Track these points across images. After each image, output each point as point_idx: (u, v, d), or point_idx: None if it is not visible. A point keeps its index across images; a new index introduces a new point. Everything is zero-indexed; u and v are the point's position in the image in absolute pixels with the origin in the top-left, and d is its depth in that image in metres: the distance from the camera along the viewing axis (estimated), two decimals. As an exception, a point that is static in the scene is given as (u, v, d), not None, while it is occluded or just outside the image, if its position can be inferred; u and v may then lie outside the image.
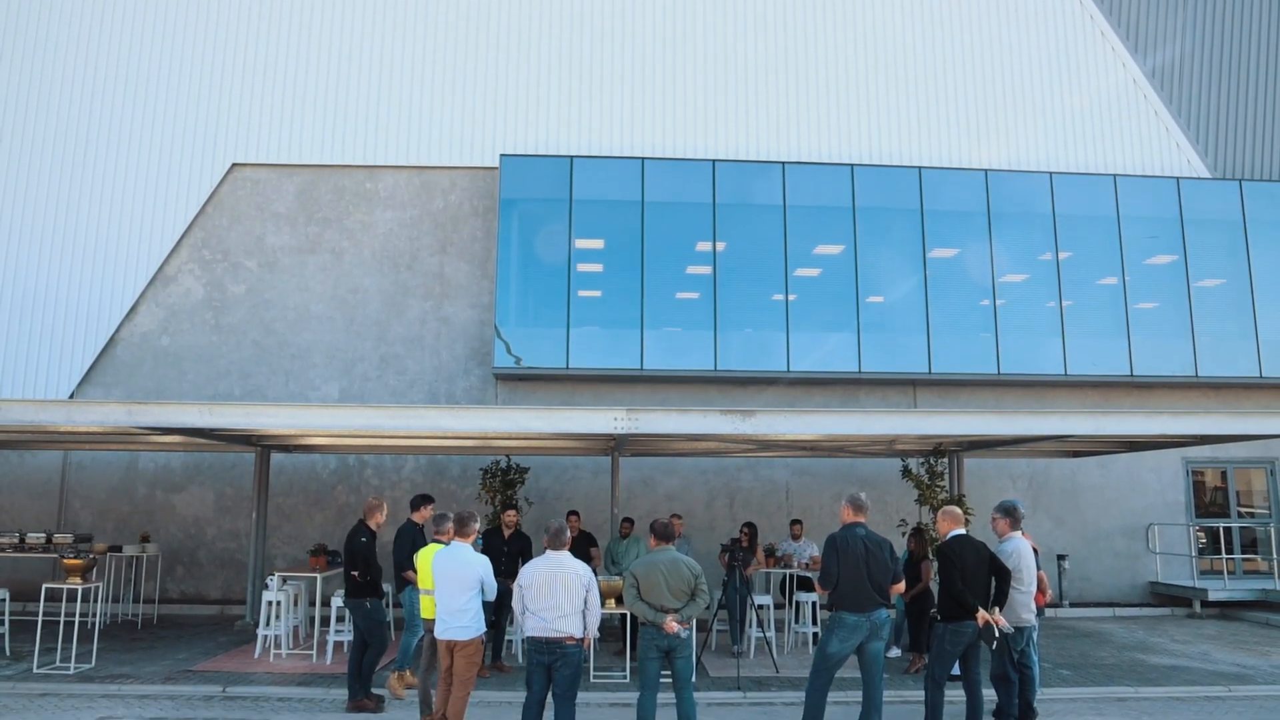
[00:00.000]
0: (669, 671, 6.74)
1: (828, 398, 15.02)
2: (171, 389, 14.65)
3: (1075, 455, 14.60)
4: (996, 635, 6.95)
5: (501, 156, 14.96)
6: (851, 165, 15.28)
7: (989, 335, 14.87)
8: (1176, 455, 15.55)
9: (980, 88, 16.30)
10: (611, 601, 9.29)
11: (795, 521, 12.58)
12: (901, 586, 7.10)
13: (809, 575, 11.43)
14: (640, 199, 14.82)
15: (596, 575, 6.90)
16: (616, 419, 9.13)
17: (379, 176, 15.48)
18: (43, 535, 12.18)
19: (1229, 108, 16.63)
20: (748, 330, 14.72)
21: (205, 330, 14.94)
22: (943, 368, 14.71)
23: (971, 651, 7.27)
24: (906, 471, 12.86)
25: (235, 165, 15.39)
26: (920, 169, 15.32)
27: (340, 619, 10.37)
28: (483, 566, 6.97)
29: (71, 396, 14.47)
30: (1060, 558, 14.97)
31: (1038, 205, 15.37)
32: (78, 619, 10.16)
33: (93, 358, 14.74)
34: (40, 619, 9.85)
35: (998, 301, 15.01)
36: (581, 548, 10.84)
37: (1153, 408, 15.00)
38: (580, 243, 14.79)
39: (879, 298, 14.95)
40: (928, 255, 15.04)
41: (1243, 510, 16.05)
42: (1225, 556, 15.26)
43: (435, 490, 14.11)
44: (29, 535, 12.20)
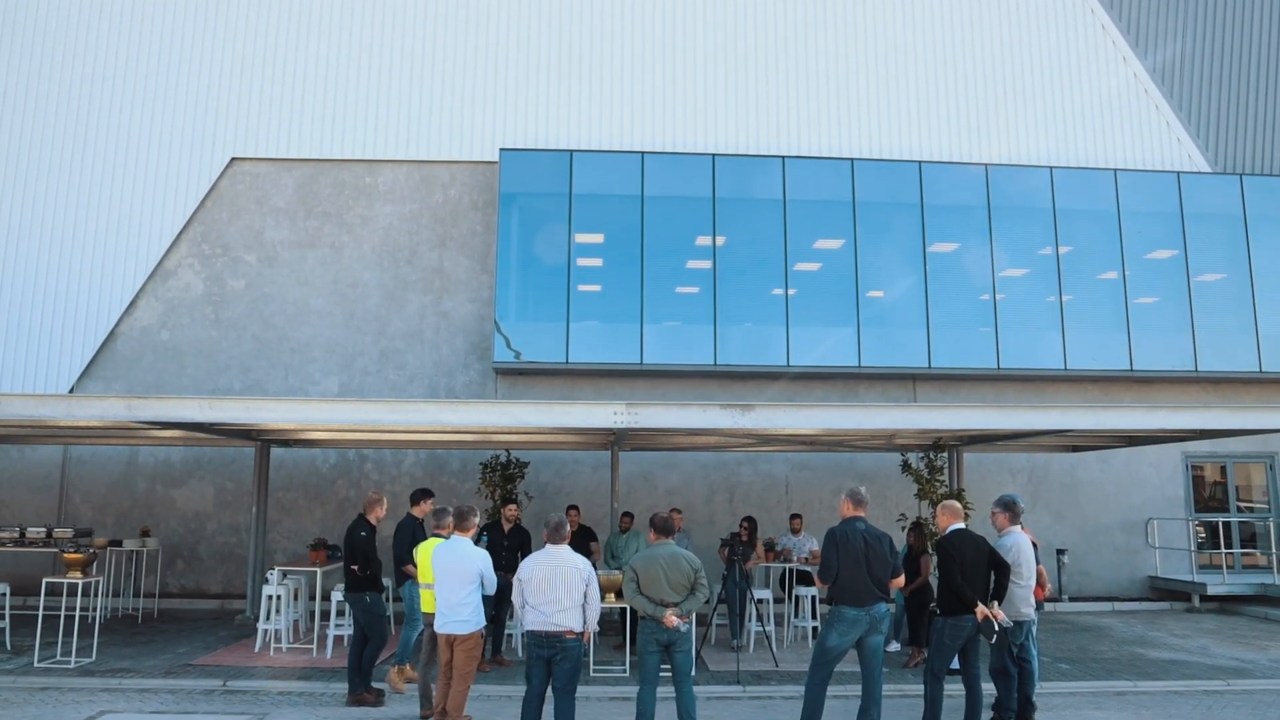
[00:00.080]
0: (668, 665, 6.75)
1: (827, 392, 15.03)
2: (171, 384, 14.65)
3: (1075, 450, 14.62)
4: (996, 629, 6.96)
5: (501, 151, 14.95)
6: (851, 159, 15.27)
7: (989, 330, 14.87)
8: (1176, 450, 15.56)
9: (980, 82, 16.27)
10: (611, 596, 9.30)
11: (795, 516, 12.59)
12: (901, 581, 7.10)
13: (808, 569, 11.44)
14: (640, 193, 14.81)
15: (596, 569, 6.90)
16: (616, 413, 9.13)
17: (378, 171, 15.46)
18: (43, 530, 12.17)
19: (1230, 102, 16.60)
20: (747, 325, 14.71)
21: (205, 325, 14.93)
22: (942, 362, 14.71)
23: (971, 646, 7.28)
24: (906, 466, 12.88)
25: (235, 159, 15.37)
26: (920, 163, 15.31)
27: (340, 613, 10.39)
28: (482, 561, 6.98)
29: (71, 391, 14.47)
30: (1060, 552, 15.00)
31: (1038, 200, 15.36)
32: (78, 613, 10.16)
33: (92, 352, 14.74)
34: (40, 613, 9.86)
35: (998, 296, 15.00)
36: (581, 542, 10.87)
37: (1152, 402, 15.01)
38: (580, 237, 14.78)
39: (879, 292, 14.94)
40: (928, 250, 15.03)
41: (1242, 505, 16.05)
42: (1224, 551, 15.28)
43: (435, 485, 14.11)
44: (29, 530, 12.20)
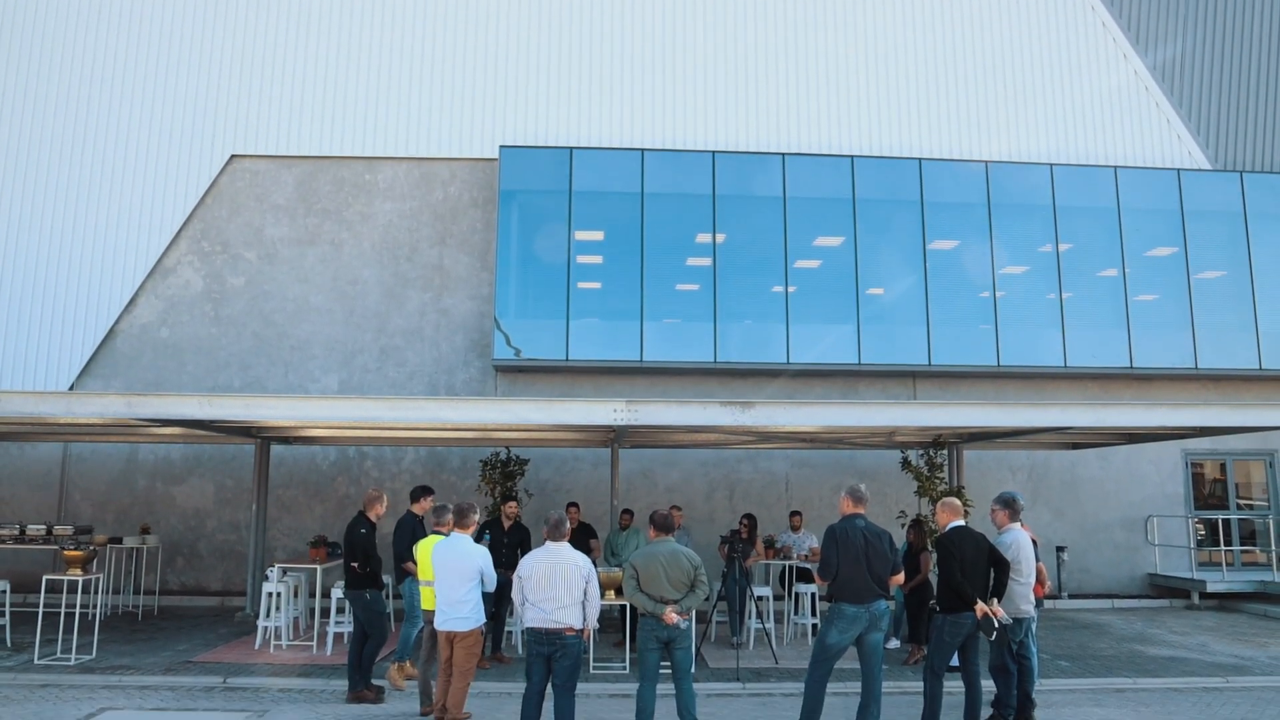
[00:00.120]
0: (668, 662, 6.76)
1: (827, 389, 15.03)
2: (171, 381, 14.65)
3: (1075, 447, 14.62)
4: (995, 626, 6.96)
5: (501, 148, 14.93)
6: (851, 157, 15.26)
7: (989, 327, 14.86)
8: (1176, 447, 15.56)
9: (980, 79, 16.25)
10: (611, 593, 9.31)
11: (795, 513, 12.60)
12: (901, 578, 7.10)
13: (808, 567, 11.45)
14: (640, 190, 14.79)
15: (596, 567, 6.90)
16: (616, 411, 9.13)
17: (378, 168, 15.45)
18: (43, 527, 12.17)
19: (1230, 99, 16.58)
20: (747, 322, 14.71)
21: (205, 322, 14.93)
22: (942, 360, 14.71)
23: (970, 643, 7.28)
24: (906, 463, 12.88)
25: (234, 156, 15.36)
26: (920, 160, 15.29)
27: (340, 610, 10.39)
28: (482, 558, 6.99)
29: (71, 388, 14.47)
30: (1059, 549, 15.00)
31: (1038, 197, 15.35)
32: (78, 610, 10.16)
33: (92, 350, 14.74)
34: (41, 610, 9.87)
35: (998, 293, 14.99)
36: (581, 539, 10.86)
37: (1152, 400, 15.01)
38: (580, 234, 14.77)
39: (879, 289, 14.94)
40: (928, 247, 15.02)
41: (1242, 502, 16.05)
42: (1224, 548, 15.29)
43: (435, 482, 14.11)
44: (29, 527, 12.20)
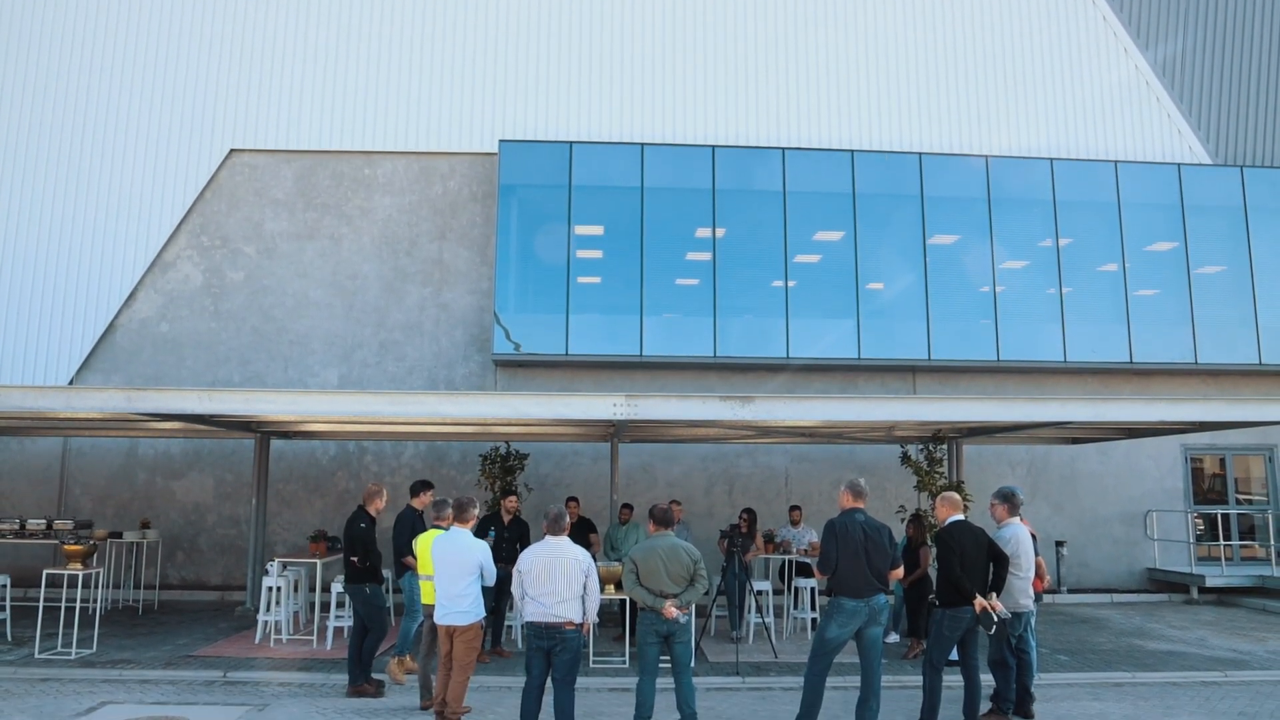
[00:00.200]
0: (668, 657, 6.77)
1: (827, 384, 15.02)
2: (171, 375, 14.65)
3: (1074, 442, 14.61)
4: (994, 621, 6.97)
5: (501, 142, 14.91)
6: (852, 151, 15.23)
7: (989, 322, 14.85)
8: (1175, 442, 15.56)
9: (980, 74, 16.22)
10: (611, 587, 9.31)
11: (794, 507, 12.61)
12: (900, 572, 7.12)
13: (808, 561, 11.46)
14: (640, 185, 14.77)
15: (596, 561, 6.90)
16: (616, 405, 9.13)
17: (377, 162, 15.43)
18: (43, 521, 12.18)
19: (1231, 94, 16.55)
20: (747, 316, 14.70)
21: (204, 317, 14.92)
22: (942, 354, 14.70)
23: (969, 637, 7.30)
24: (905, 458, 12.88)
25: (234, 151, 15.33)
26: (921, 155, 15.27)
27: (340, 604, 10.40)
28: (482, 552, 6.99)
29: (71, 383, 14.47)
30: (1059, 544, 15.01)
31: (1038, 192, 15.33)
32: (79, 605, 10.19)
33: (92, 344, 14.73)
34: (41, 605, 9.87)
35: (997, 288, 14.98)
36: (581, 533, 10.87)
37: (1152, 395, 15.01)
38: (580, 229, 14.75)
39: (879, 284, 14.93)
40: (928, 242, 15.01)
41: (1241, 497, 16.07)
42: (1223, 543, 15.30)
43: (435, 476, 14.11)
44: (29, 521, 12.21)
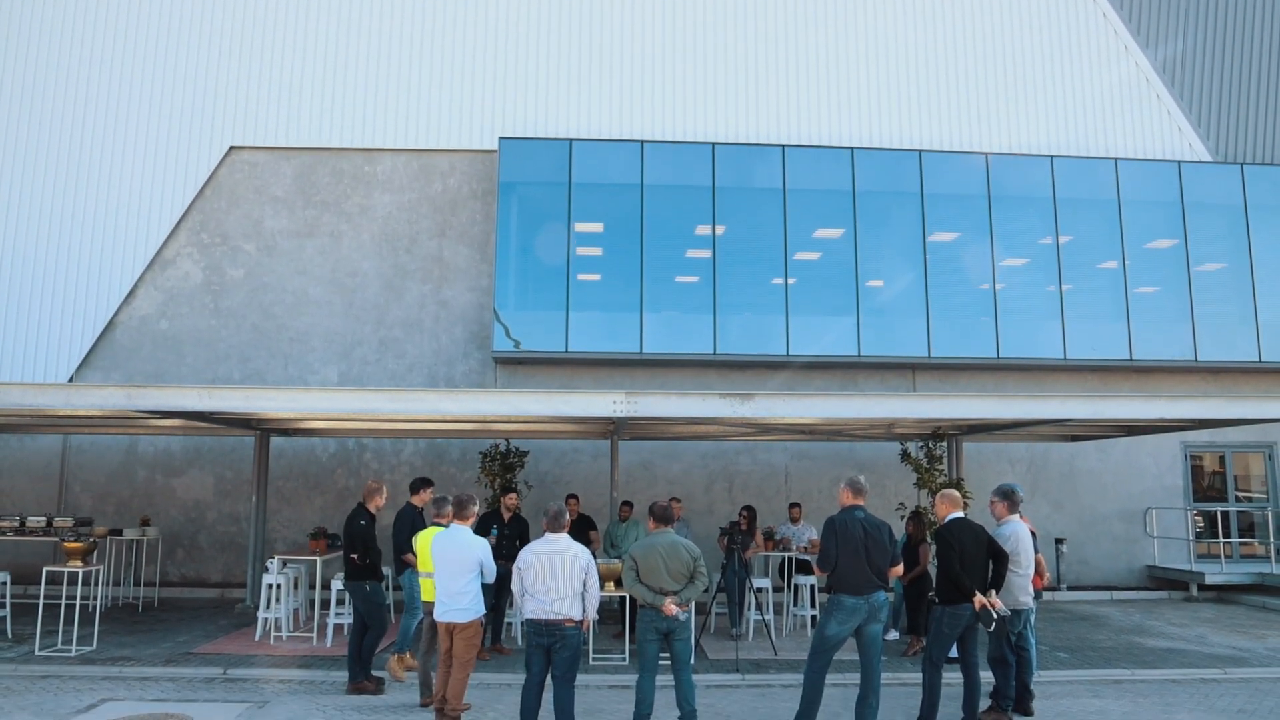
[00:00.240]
0: (668, 654, 6.77)
1: (827, 381, 15.02)
2: (170, 373, 14.64)
3: (1074, 439, 14.62)
4: (994, 618, 6.98)
5: (500, 139, 14.90)
6: (851, 149, 15.22)
7: (988, 319, 14.85)
8: (1175, 440, 15.57)
9: (981, 71, 16.20)
10: (610, 584, 9.32)
11: (794, 505, 12.61)
12: (900, 569, 7.11)
13: (807, 558, 11.48)
14: (640, 182, 14.76)
15: (595, 558, 6.90)
16: (616, 402, 9.13)
17: (377, 159, 15.41)
18: (43, 519, 12.19)
19: (1232, 91, 16.54)
20: (747, 314, 14.69)
21: (204, 314, 14.92)
22: (942, 352, 14.70)
23: (969, 634, 7.30)
24: (905, 455, 12.89)
25: (233, 148, 15.31)
26: (920, 152, 15.26)
27: (340, 602, 10.40)
28: (482, 549, 6.99)
29: (70, 380, 14.46)
30: (1058, 541, 15.02)
31: (1038, 189, 15.32)
32: (78, 602, 10.20)
33: (91, 342, 14.72)
34: (41, 602, 9.88)
35: (997, 286, 14.98)
36: (580, 531, 10.87)
37: (1151, 392, 15.01)
38: (579, 226, 14.74)
39: (878, 281, 14.92)
40: (927, 239, 15.00)
41: (1240, 494, 16.08)
42: (1222, 540, 15.30)
43: (435, 474, 14.12)
44: (29, 519, 12.22)
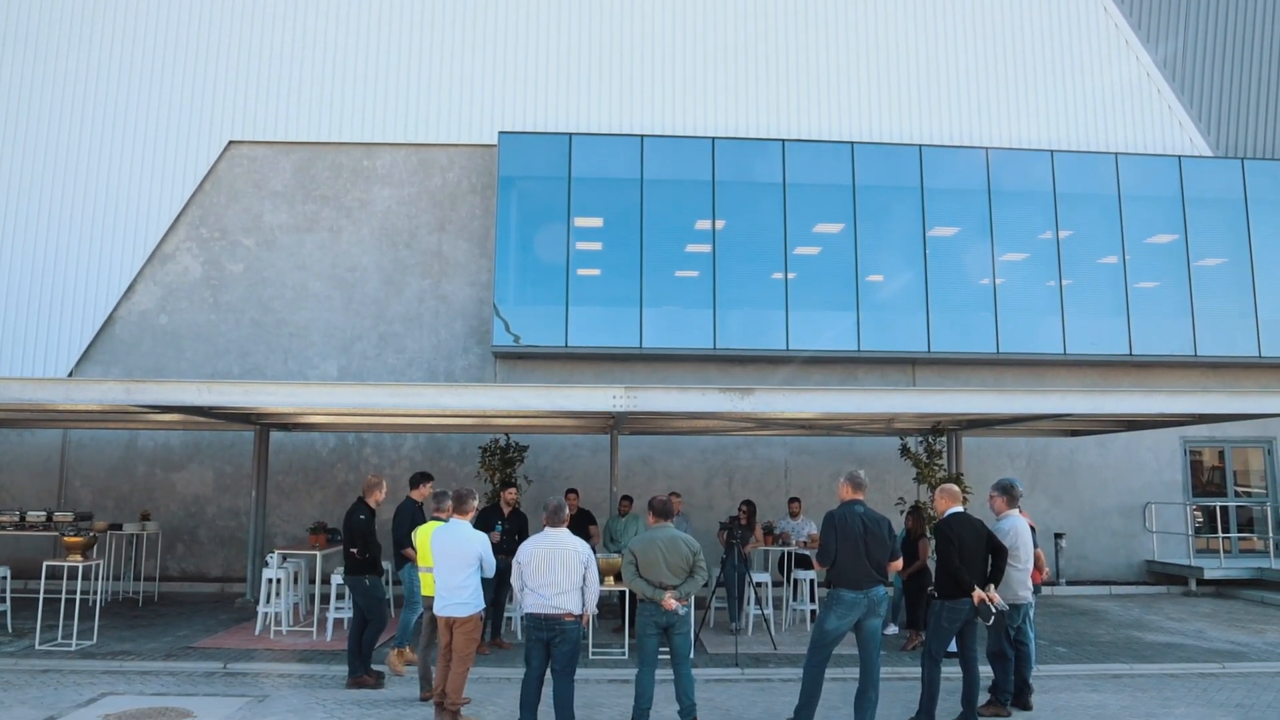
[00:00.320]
0: (667, 648, 6.78)
1: (827, 376, 15.02)
2: (170, 367, 14.64)
3: (1073, 434, 14.63)
4: (993, 612, 6.98)
5: (500, 134, 14.87)
6: (852, 143, 15.20)
7: (988, 314, 14.85)
8: (1174, 434, 15.57)
9: (981, 66, 16.17)
10: (610, 579, 9.32)
11: (794, 499, 12.61)
12: (899, 564, 7.11)
13: (807, 553, 11.47)
14: (639, 176, 14.75)
15: (595, 552, 6.91)
16: (615, 397, 9.13)
17: (377, 154, 15.39)
18: (43, 513, 12.17)
19: (1232, 86, 16.51)
20: (747, 309, 14.68)
21: (203, 309, 14.91)
22: (942, 346, 14.70)
23: (968, 629, 7.30)
24: (905, 450, 12.89)
25: (232, 143, 15.29)
26: (920, 147, 15.24)
27: (340, 596, 10.42)
28: (481, 544, 6.99)
29: (70, 375, 14.46)
30: (1057, 536, 15.03)
31: (1038, 184, 15.30)
32: (79, 597, 10.19)
33: (91, 336, 14.72)
34: (41, 597, 9.89)
35: (997, 280, 14.97)
36: (580, 525, 10.89)
37: (1151, 387, 15.00)
38: (579, 220, 14.73)
39: (878, 276, 14.91)
40: (927, 234, 14.99)
41: (1240, 489, 16.09)
42: (1221, 535, 15.32)
43: (434, 468, 14.12)
44: (29, 513, 12.21)
